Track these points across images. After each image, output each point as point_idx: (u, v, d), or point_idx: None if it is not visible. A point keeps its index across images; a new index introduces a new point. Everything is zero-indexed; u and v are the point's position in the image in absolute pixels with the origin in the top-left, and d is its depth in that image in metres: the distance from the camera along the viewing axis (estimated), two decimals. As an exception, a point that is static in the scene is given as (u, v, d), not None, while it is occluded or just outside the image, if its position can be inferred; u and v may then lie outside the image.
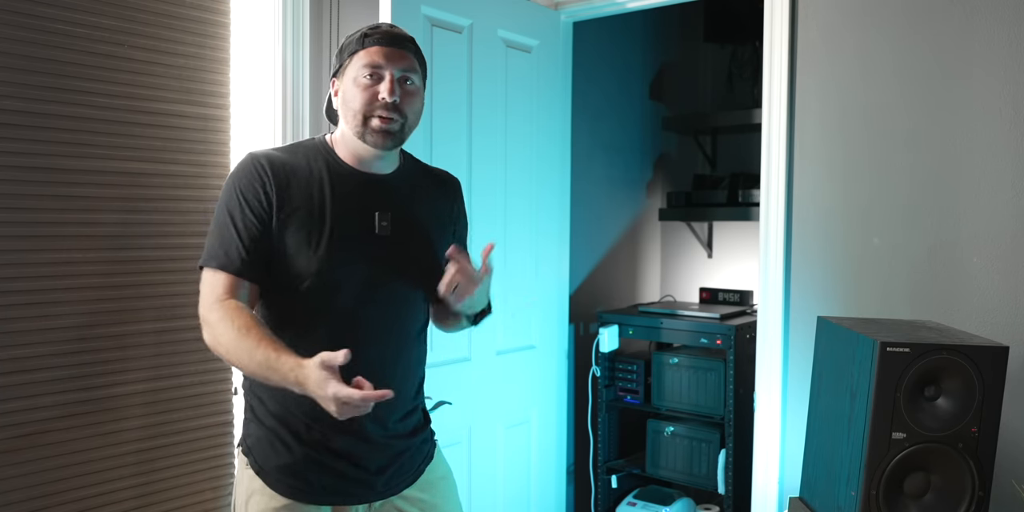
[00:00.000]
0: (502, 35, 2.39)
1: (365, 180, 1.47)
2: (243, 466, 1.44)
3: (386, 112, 1.40)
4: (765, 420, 2.20)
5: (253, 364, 1.27)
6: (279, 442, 1.41)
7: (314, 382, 1.19)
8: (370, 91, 1.40)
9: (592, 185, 3.13)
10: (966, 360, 1.44)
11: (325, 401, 1.19)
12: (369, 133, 1.41)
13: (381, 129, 1.40)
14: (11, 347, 1.71)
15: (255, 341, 1.27)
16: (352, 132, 1.43)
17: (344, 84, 1.43)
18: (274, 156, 1.43)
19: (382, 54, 1.41)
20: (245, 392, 1.48)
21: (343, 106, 1.43)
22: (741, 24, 3.23)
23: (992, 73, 1.86)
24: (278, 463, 1.40)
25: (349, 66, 1.42)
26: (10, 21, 1.69)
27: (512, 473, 2.49)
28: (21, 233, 1.73)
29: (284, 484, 1.40)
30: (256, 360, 1.26)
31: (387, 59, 1.41)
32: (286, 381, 1.24)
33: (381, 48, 1.41)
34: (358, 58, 1.41)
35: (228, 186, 1.41)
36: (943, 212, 1.93)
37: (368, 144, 1.42)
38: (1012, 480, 1.76)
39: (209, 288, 1.36)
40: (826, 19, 2.09)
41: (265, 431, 1.42)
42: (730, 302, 3.15)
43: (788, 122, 2.14)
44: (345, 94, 1.43)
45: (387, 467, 1.47)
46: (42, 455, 1.75)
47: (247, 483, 1.43)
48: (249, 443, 1.44)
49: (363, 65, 1.40)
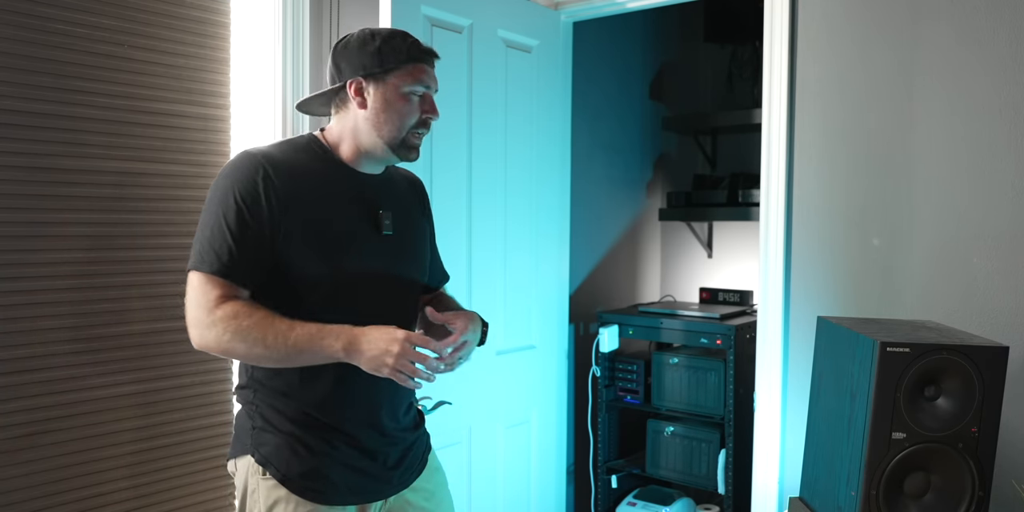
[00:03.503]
0: (502, 35, 2.39)
1: (364, 179, 1.48)
2: (257, 477, 1.40)
3: (425, 130, 1.46)
4: (765, 420, 2.20)
5: (288, 344, 1.28)
6: (301, 447, 1.39)
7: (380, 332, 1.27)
8: (420, 110, 1.44)
9: (592, 185, 3.13)
10: (966, 360, 1.43)
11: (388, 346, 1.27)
12: (403, 148, 1.45)
13: (415, 146, 1.46)
14: (11, 347, 1.71)
15: (288, 324, 1.29)
16: (384, 141, 1.43)
17: (389, 92, 1.42)
18: (274, 155, 1.40)
19: (427, 73, 1.45)
20: (248, 402, 1.44)
21: (381, 113, 1.42)
22: (741, 24, 3.22)
23: (992, 73, 1.86)
24: (301, 469, 1.38)
25: (396, 76, 1.42)
26: (10, 21, 1.69)
27: (512, 473, 2.49)
28: (21, 233, 1.73)
29: (309, 489, 1.38)
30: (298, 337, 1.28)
31: (431, 78, 1.46)
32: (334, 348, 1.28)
33: (427, 67, 1.45)
34: (408, 72, 1.42)
35: (223, 186, 1.36)
36: (943, 212, 1.93)
37: (399, 157, 1.46)
38: (1012, 480, 1.76)
39: (201, 292, 1.32)
40: (826, 19, 2.09)
41: (283, 438, 1.39)
42: (730, 302, 3.15)
43: (788, 122, 2.14)
44: (390, 103, 1.42)
45: (402, 460, 1.50)
46: (42, 455, 1.76)
47: (267, 493, 1.38)
48: (264, 452, 1.39)
49: (415, 80, 1.43)
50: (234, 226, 1.33)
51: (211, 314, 1.30)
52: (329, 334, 1.29)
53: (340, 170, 1.46)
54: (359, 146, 1.45)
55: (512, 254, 2.45)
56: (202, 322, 1.31)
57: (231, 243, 1.32)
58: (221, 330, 1.29)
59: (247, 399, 1.44)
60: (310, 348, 1.29)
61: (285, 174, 1.38)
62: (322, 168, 1.44)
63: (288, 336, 1.28)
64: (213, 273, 1.32)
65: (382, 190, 1.51)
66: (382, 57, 1.42)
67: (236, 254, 1.32)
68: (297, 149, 1.45)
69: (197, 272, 1.33)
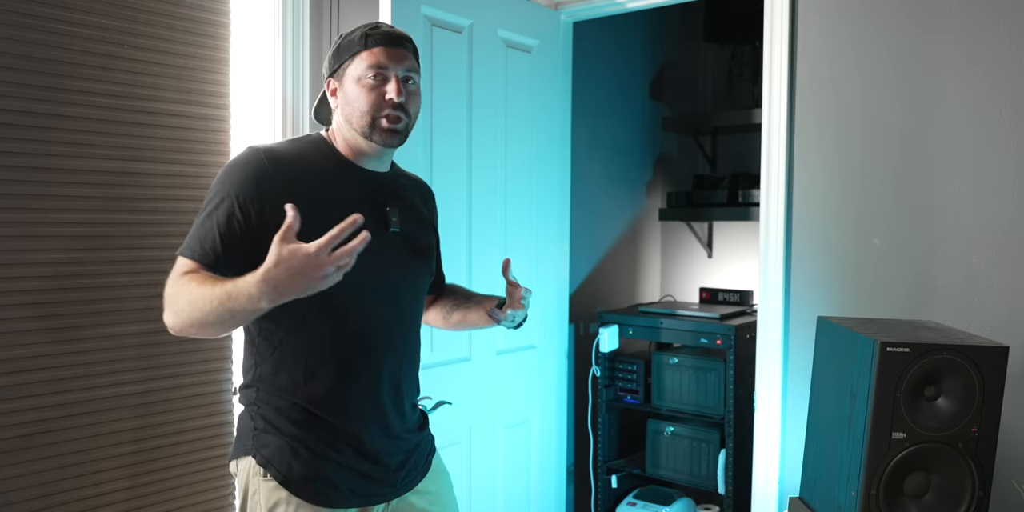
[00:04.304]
0: (502, 35, 2.39)
1: (371, 176, 1.49)
2: (259, 478, 1.39)
3: (393, 112, 1.41)
4: (765, 420, 2.20)
5: (215, 303, 1.19)
6: (303, 449, 1.38)
7: (287, 257, 1.12)
8: (377, 92, 1.41)
9: (592, 185, 3.13)
10: (966, 360, 1.43)
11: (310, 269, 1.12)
12: (377, 133, 1.42)
13: (389, 129, 1.42)
14: (11, 347, 1.71)
15: (212, 284, 1.22)
16: (357, 131, 1.43)
17: (345, 84, 1.43)
18: (278, 149, 1.41)
19: (386, 54, 1.41)
20: (250, 402, 1.44)
21: (346, 106, 1.43)
22: (741, 24, 3.23)
23: (992, 73, 1.86)
24: (302, 471, 1.38)
25: (350, 66, 1.42)
26: (10, 21, 1.69)
27: (512, 473, 2.49)
28: (21, 233, 1.73)
29: (311, 491, 1.38)
30: (216, 297, 1.19)
31: (391, 59, 1.42)
32: (252, 297, 1.16)
33: (385, 49, 1.42)
34: (361, 59, 1.41)
35: (220, 179, 1.37)
36: (943, 212, 1.93)
37: (376, 143, 1.43)
38: (1012, 480, 1.76)
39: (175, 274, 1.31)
40: (826, 19, 2.09)
41: (285, 440, 1.39)
42: (730, 302, 3.15)
43: (788, 122, 2.14)
44: (348, 94, 1.43)
45: (405, 462, 1.49)
46: (42, 455, 1.76)
47: (268, 494, 1.38)
48: (265, 454, 1.39)
49: (368, 66, 1.41)
50: (222, 218, 1.32)
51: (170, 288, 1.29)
52: (243, 283, 1.17)
53: (346, 166, 1.46)
54: (348, 143, 1.46)
55: (512, 254, 2.45)
56: (165, 299, 1.29)
57: (215, 234, 1.32)
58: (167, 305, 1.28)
59: (249, 399, 1.44)
60: (233, 305, 1.19)
61: (287, 167, 1.38)
62: (328, 163, 1.44)
63: (211, 296, 1.20)
64: (192, 259, 1.32)
65: (389, 188, 1.51)
66: (339, 53, 1.45)
67: (219, 245, 1.31)
68: (305, 144, 1.47)
69: (180, 256, 1.33)
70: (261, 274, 1.14)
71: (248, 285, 1.16)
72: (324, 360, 1.39)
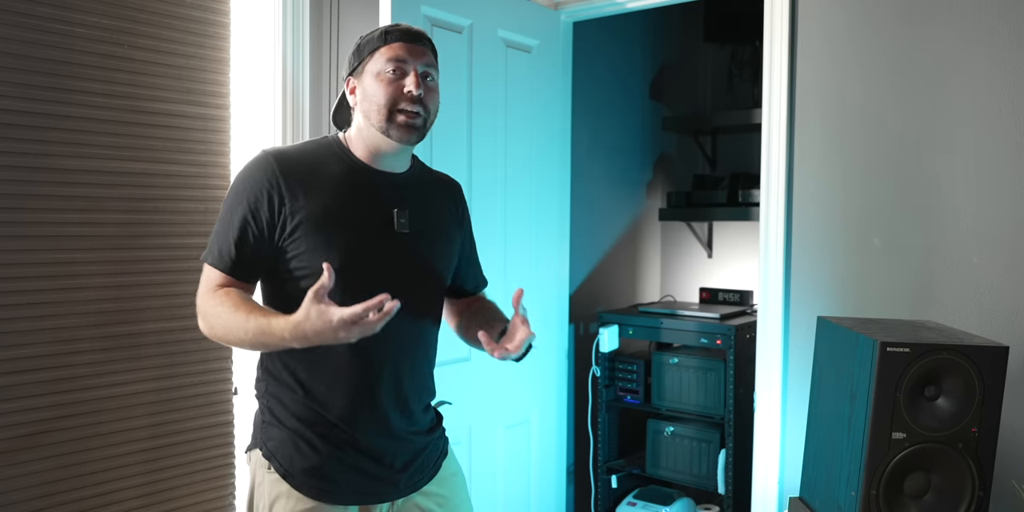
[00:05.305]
0: (502, 35, 2.39)
1: (382, 178, 1.48)
2: (263, 470, 1.41)
3: (411, 106, 1.41)
4: (765, 420, 2.20)
5: (249, 335, 1.29)
6: (304, 443, 1.40)
7: (315, 318, 1.20)
8: (395, 85, 1.41)
9: (592, 185, 3.13)
10: (966, 360, 1.43)
11: (332, 331, 1.20)
12: (394, 128, 1.41)
13: (406, 123, 1.41)
14: (11, 347, 1.71)
15: (246, 314, 1.30)
16: (375, 127, 1.42)
17: (364, 80, 1.43)
18: (288, 154, 1.43)
19: (405, 49, 1.42)
20: (260, 395, 1.46)
21: (365, 101, 1.43)
22: (741, 24, 3.23)
23: (992, 73, 1.86)
24: (304, 465, 1.39)
25: (370, 62, 1.43)
26: (10, 21, 1.69)
27: (512, 473, 2.49)
28: (22, 233, 1.73)
29: (311, 486, 1.39)
30: (251, 330, 1.28)
31: (410, 54, 1.42)
32: (284, 340, 1.25)
33: (404, 44, 1.42)
34: (380, 54, 1.42)
35: (235, 184, 1.41)
36: (943, 212, 1.93)
37: (393, 139, 1.42)
38: (1012, 480, 1.76)
39: (204, 280, 1.40)
40: (826, 19, 2.09)
41: (288, 433, 1.41)
42: (730, 302, 3.15)
43: (788, 122, 2.14)
44: (366, 90, 1.43)
45: (410, 464, 1.48)
46: (42, 455, 1.76)
47: (270, 487, 1.40)
48: (270, 447, 1.41)
49: (387, 60, 1.41)
50: (236, 225, 1.38)
51: (205, 302, 1.37)
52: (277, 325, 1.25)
53: (357, 168, 1.46)
54: (366, 143, 1.46)
55: (512, 254, 2.45)
56: (199, 309, 1.38)
57: (232, 241, 1.38)
58: (202, 317, 1.38)
59: (260, 392, 1.46)
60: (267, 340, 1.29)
61: (296, 171, 1.40)
62: (338, 165, 1.44)
63: (245, 328, 1.29)
64: (217, 268, 1.39)
65: (401, 189, 1.49)
66: (359, 51, 1.46)
67: (236, 250, 1.38)
68: (318, 146, 1.48)
69: (205, 263, 1.41)
70: (293, 325, 1.23)
71: (281, 330, 1.25)
72: (325, 360, 1.40)
